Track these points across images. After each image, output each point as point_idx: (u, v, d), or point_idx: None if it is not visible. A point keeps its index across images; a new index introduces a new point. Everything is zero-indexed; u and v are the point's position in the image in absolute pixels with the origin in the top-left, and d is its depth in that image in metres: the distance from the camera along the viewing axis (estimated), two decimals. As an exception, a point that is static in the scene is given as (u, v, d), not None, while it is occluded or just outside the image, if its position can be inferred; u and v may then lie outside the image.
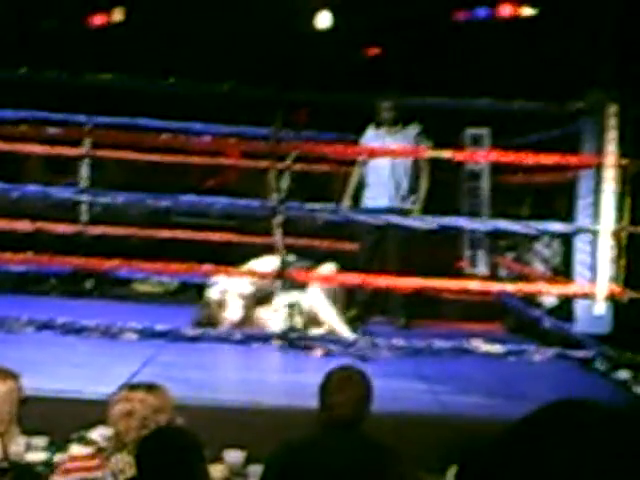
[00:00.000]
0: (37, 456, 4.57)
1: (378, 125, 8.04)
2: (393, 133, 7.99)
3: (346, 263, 7.36)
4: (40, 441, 4.73)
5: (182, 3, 10.94)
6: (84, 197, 8.01)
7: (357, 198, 8.13)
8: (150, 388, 4.00)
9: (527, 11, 11.67)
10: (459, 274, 8.41)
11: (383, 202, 7.88)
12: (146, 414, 3.87)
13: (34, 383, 4.74)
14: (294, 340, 6.65)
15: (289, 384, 5.69)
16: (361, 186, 8.10)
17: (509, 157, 6.86)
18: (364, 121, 8.17)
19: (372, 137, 8.03)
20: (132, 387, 4.02)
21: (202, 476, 3.51)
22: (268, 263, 7.19)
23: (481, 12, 12.00)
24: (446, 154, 6.91)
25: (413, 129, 7.99)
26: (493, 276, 8.52)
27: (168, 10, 10.91)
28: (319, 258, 7.48)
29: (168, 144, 7.80)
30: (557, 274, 7.68)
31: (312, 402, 3.95)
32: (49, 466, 4.44)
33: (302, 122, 9.74)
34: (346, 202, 8.10)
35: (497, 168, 8.45)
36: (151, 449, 3.36)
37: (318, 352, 6.51)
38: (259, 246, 7.85)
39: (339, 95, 7.41)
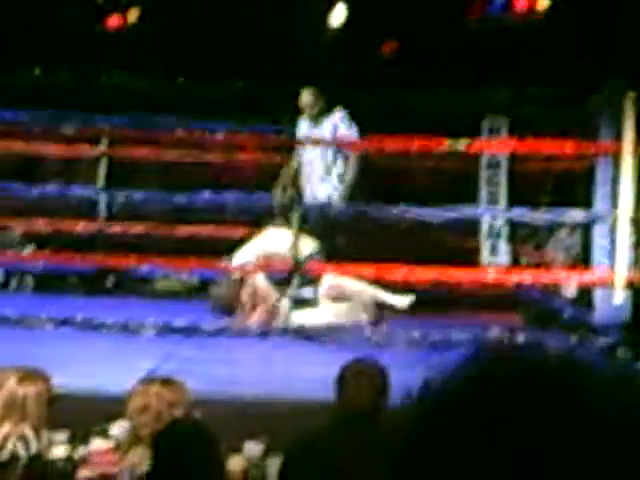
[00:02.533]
0: (58, 451, 4.59)
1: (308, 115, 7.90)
2: (319, 122, 7.84)
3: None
4: (61, 436, 4.75)
5: (196, 2, 10.95)
6: (102, 195, 8.03)
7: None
8: (166, 382, 4.01)
9: (543, 3, 11.62)
10: (478, 264, 8.38)
11: (317, 191, 7.74)
12: (161, 408, 3.88)
13: (54, 379, 4.77)
14: (311, 333, 6.65)
15: (307, 376, 5.69)
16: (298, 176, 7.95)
17: (527, 146, 6.84)
18: (381, 114, 8.15)
19: (303, 128, 7.91)
20: (148, 381, 4.03)
21: (217, 469, 3.52)
22: (277, 238, 7.17)
23: (497, 5, 11.97)
24: (463, 145, 6.89)
25: (335, 115, 7.81)
26: (513, 265, 8.49)
27: (182, 9, 10.92)
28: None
29: (184, 141, 7.81)
30: (577, 263, 7.65)
31: (329, 394, 3.96)
32: (70, 461, 4.46)
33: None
34: (278, 193, 7.81)
35: (516, 157, 8.42)
36: (166, 443, 3.37)
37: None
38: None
39: (354, 91, 7.41)
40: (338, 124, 7.78)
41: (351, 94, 7.65)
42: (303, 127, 7.93)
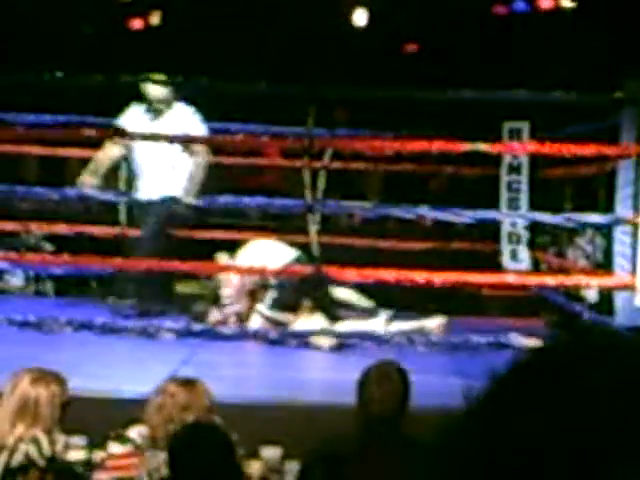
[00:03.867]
0: (76, 455, 4.58)
1: (147, 106, 7.48)
2: (160, 115, 7.45)
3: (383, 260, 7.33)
4: (79, 440, 4.75)
5: (217, 3, 10.96)
6: (121, 199, 8.03)
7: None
8: (184, 383, 4.00)
9: (566, 3, 11.57)
10: (499, 269, 8.34)
11: (156, 192, 7.38)
12: (172, 410, 3.87)
13: (73, 383, 4.77)
14: (328, 337, 6.62)
15: (325, 381, 5.67)
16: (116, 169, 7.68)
17: (547, 149, 6.79)
18: (401, 116, 8.11)
19: (137, 119, 7.47)
20: (169, 381, 4.03)
21: (235, 474, 3.51)
22: (262, 250, 7.11)
23: (520, 5, 11.92)
24: (483, 147, 6.85)
25: (182, 109, 7.45)
26: (534, 271, 8.44)
27: (203, 10, 10.94)
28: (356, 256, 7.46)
29: (207, 144, 7.80)
30: (599, 268, 7.59)
31: (348, 399, 3.93)
32: (88, 465, 4.45)
33: (341, 120, 9.72)
34: (88, 180, 7.42)
35: (537, 161, 8.37)
36: (181, 446, 3.36)
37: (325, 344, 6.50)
38: (297, 245, 7.83)
39: (373, 90, 7.37)
40: (189, 119, 7.38)
41: (371, 93, 7.60)
42: (137, 118, 7.44)
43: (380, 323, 6.80)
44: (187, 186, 7.26)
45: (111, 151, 7.54)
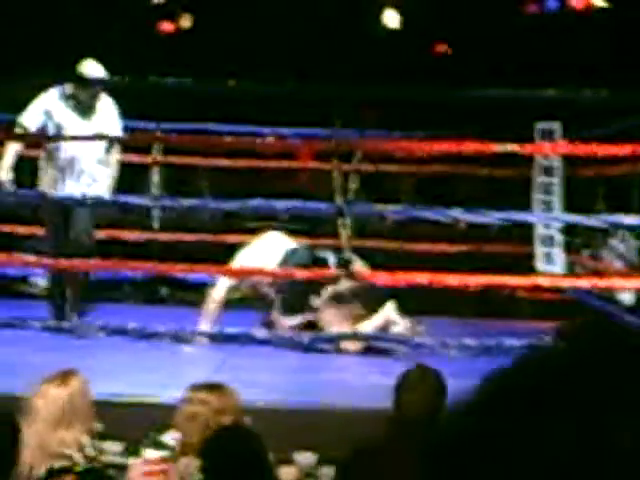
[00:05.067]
0: (111, 460, 4.59)
1: (73, 103, 7.05)
2: (90, 113, 7.07)
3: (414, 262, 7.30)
4: (114, 445, 4.76)
5: (247, 5, 10.97)
6: (152, 203, 8.05)
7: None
8: (213, 388, 3.99)
9: (598, 2, 11.50)
10: (533, 272, 8.29)
11: (70, 187, 7.07)
12: (208, 415, 3.86)
13: (107, 388, 4.78)
14: (365, 342, 6.60)
15: (358, 385, 5.65)
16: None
17: (580, 150, 6.74)
18: (431, 117, 8.06)
19: (64, 117, 7.02)
20: (195, 388, 4.01)
21: (266, 478, 3.49)
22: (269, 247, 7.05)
23: (552, 3, 11.85)
24: (515, 148, 6.81)
25: (107, 104, 7.12)
26: (569, 274, 8.39)
27: (233, 13, 10.94)
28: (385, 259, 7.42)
29: (239, 148, 7.81)
30: (634, 269, 7.53)
31: (382, 403, 3.91)
32: (122, 470, 4.46)
33: (370, 121, 9.70)
34: (3, 175, 7.00)
35: (570, 162, 8.32)
36: (214, 450, 3.35)
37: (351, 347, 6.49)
38: (329, 248, 7.82)
39: (402, 89, 7.34)
40: (113, 114, 7.12)
41: (401, 93, 7.57)
42: (64, 116, 7.03)
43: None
44: (112, 184, 7.18)
45: (16, 145, 7.13)
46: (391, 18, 11.56)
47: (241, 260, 7.03)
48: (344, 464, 3.85)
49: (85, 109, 7.05)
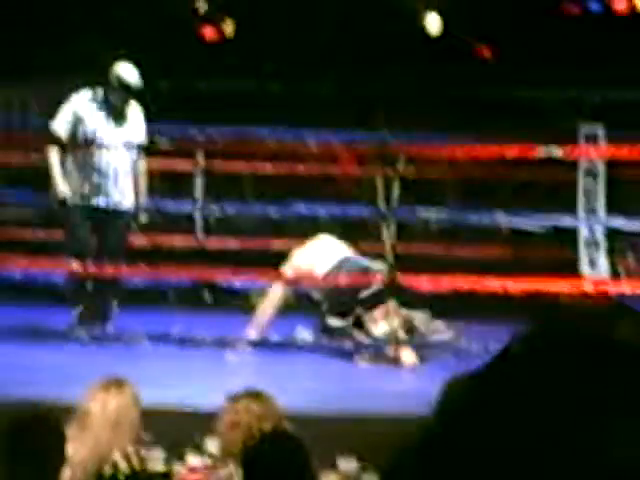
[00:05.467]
0: (155, 467, 4.62)
1: (105, 107, 6.84)
2: (122, 120, 6.88)
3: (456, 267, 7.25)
4: (158, 452, 4.78)
5: (284, 10, 10.98)
6: (195, 209, 8.08)
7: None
8: (253, 396, 4.00)
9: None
10: (577, 276, 8.23)
11: (120, 196, 6.92)
12: (252, 422, 3.87)
13: (151, 395, 4.81)
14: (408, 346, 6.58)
15: (400, 391, 5.64)
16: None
17: (624, 153, 6.69)
18: (475, 119, 8.03)
19: (97, 124, 6.82)
20: (236, 398, 4.02)
21: (310, 481, 3.49)
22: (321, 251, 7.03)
23: (594, 6, 11.76)
24: (558, 152, 6.77)
25: (136, 111, 6.92)
26: (613, 278, 8.31)
27: (272, 16, 10.94)
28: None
29: (281, 153, 7.82)
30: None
31: (425, 409, 3.90)
32: (166, 477, 4.48)
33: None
34: (62, 189, 6.81)
35: (613, 165, 8.25)
36: (257, 456, 3.36)
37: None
38: (371, 254, 7.81)
39: (445, 92, 7.32)
40: (141, 122, 6.93)
41: (444, 96, 7.55)
42: (96, 122, 6.81)
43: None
44: (145, 192, 7.05)
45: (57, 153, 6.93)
46: (432, 24, 11.52)
47: (297, 261, 7.01)
48: (387, 472, 3.84)
49: (117, 115, 6.84)
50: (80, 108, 6.86)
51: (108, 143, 6.81)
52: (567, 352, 0.82)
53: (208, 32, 12.02)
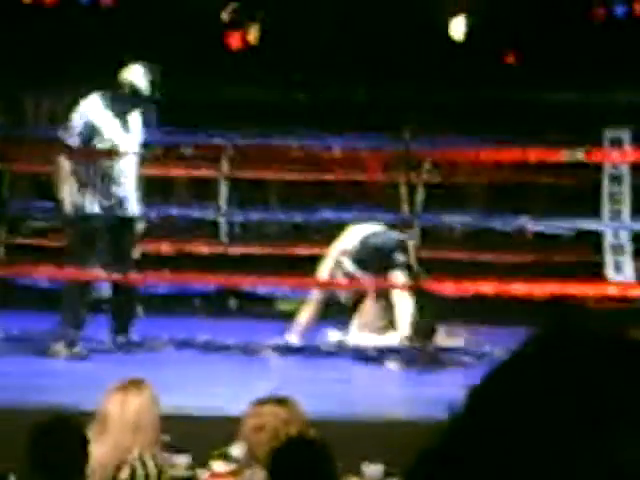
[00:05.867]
0: (180, 473, 4.63)
1: (116, 112, 6.63)
2: (127, 124, 6.70)
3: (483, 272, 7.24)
4: (183, 458, 4.80)
5: (313, 15, 11.00)
6: (219, 215, 8.10)
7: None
8: (279, 401, 4.01)
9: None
10: (602, 280, 8.19)
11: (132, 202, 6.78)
12: (277, 426, 3.88)
13: (176, 401, 4.82)
14: (427, 352, 6.57)
15: (425, 396, 5.63)
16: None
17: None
18: (500, 123, 8.00)
19: (108, 125, 6.62)
20: (261, 402, 4.03)
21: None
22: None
23: (619, 10, 11.71)
24: (583, 156, 6.75)
25: (137, 119, 6.74)
26: (639, 282, 8.27)
27: (299, 22, 10.96)
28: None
29: (305, 159, 7.84)
30: None
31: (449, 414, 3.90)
32: (189, 482, 4.50)
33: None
34: (67, 198, 6.62)
35: (639, 169, 8.21)
36: (283, 460, 3.37)
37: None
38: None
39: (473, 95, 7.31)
40: (139, 127, 6.75)
41: (471, 100, 7.53)
42: (110, 129, 6.61)
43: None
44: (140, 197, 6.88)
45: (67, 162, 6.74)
46: (457, 30, 11.50)
47: (340, 245, 6.99)
48: (411, 477, 3.84)
49: (124, 120, 6.67)
50: (91, 113, 6.62)
51: (123, 150, 6.68)
52: (581, 352, 0.82)
53: (233, 40, 12.05)
